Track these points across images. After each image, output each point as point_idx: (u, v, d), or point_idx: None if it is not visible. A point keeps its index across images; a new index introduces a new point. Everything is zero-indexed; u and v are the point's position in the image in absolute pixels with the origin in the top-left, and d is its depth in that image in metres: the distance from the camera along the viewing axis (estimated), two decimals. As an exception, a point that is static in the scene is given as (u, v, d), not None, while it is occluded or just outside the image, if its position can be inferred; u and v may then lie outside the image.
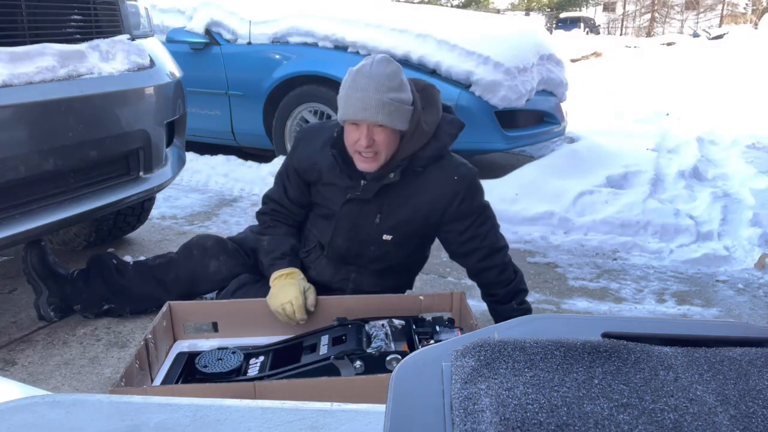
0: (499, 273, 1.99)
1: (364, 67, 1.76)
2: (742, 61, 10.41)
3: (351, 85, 1.76)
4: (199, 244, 2.22)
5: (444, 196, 1.90)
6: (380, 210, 1.93)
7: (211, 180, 4.16)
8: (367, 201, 1.92)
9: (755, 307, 2.55)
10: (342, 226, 1.97)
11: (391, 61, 1.79)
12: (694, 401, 0.49)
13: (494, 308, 2.05)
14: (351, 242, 1.99)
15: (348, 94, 1.76)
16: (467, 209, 1.93)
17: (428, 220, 1.95)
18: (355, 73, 1.76)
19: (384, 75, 1.74)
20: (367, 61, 1.78)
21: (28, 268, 2.18)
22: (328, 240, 2.01)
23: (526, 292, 2.05)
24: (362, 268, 2.06)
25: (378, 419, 0.61)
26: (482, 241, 1.96)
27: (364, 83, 1.73)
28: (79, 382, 1.88)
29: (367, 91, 1.72)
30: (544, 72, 4.41)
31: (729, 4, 30.52)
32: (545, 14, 31.34)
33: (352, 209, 1.95)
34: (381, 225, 1.95)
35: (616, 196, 3.53)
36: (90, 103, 2.03)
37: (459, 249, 2.00)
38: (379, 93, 1.72)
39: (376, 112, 1.73)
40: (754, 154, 5.12)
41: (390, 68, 1.76)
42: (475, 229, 1.95)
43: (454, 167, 1.92)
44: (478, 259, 1.98)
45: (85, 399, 0.64)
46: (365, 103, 1.73)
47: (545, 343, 0.55)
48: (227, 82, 4.34)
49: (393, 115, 1.75)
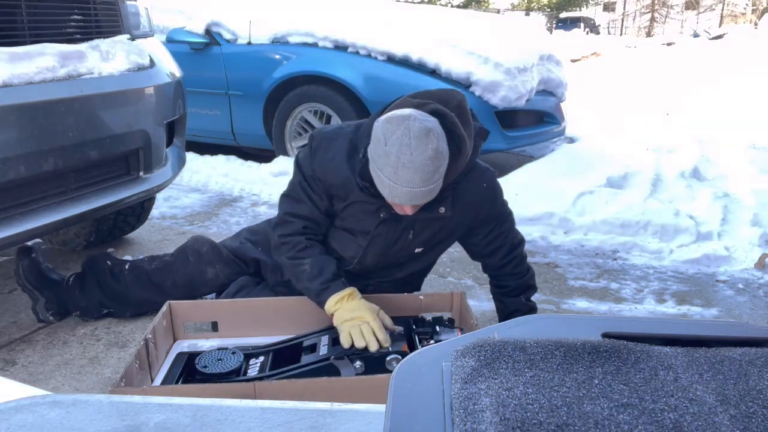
0: (516, 265, 2.02)
1: (403, 154, 1.55)
2: (742, 61, 10.41)
3: (393, 176, 1.58)
4: (194, 249, 2.18)
5: (475, 205, 1.89)
6: (413, 226, 1.88)
7: (211, 180, 4.16)
8: (401, 219, 1.84)
9: (755, 307, 2.55)
10: (375, 245, 1.90)
11: (429, 132, 1.56)
12: (694, 401, 0.49)
13: (502, 300, 2.07)
14: (382, 258, 1.95)
15: (392, 186, 1.60)
16: (493, 212, 1.95)
17: (458, 228, 1.95)
18: (395, 159, 1.56)
19: (428, 160, 1.56)
20: (404, 142, 1.55)
21: (21, 279, 2.15)
22: (358, 257, 1.93)
23: (535, 289, 2.09)
24: (383, 280, 2.04)
25: (378, 419, 0.61)
26: (504, 239, 1.99)
27: (409, 177, 1.57)
28: (79, 382, 1.88)
29: (413, 186, 1.59)
30: (544, 72, 4.41)
31: (729, 4, 30.51)
32: (545, 14, 31.34)
33: (387, 229, 1.87)
34: (414, 240, 1.92)
35: (616, 196, 3.53)
36: (90, 103, 2.03)
37: (483, 250, 2.02)
38: (426, 183, 1.59)
39: (424, 199, 1.65)
40: (754, 154, 5.11)
41: (431, 146, 1.56)
42: (498, 230, 1.97)
43: (481, 174, 1.90)
44: (501, 256, 2.01)
45: (85, 399, 0.64)
46: (412, 196, 1.62)
47: (545, 343, 0.55)
48: (227, 82, 4.34)
49: (438, 188, 1.66)
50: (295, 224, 1.89)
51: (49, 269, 2.22)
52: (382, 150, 1.59)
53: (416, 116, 1.59)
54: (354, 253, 1.94)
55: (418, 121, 1.57)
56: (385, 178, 1.61)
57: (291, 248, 1.88)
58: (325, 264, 1.85)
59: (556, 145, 4.96)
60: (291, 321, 2.00)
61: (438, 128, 1.60)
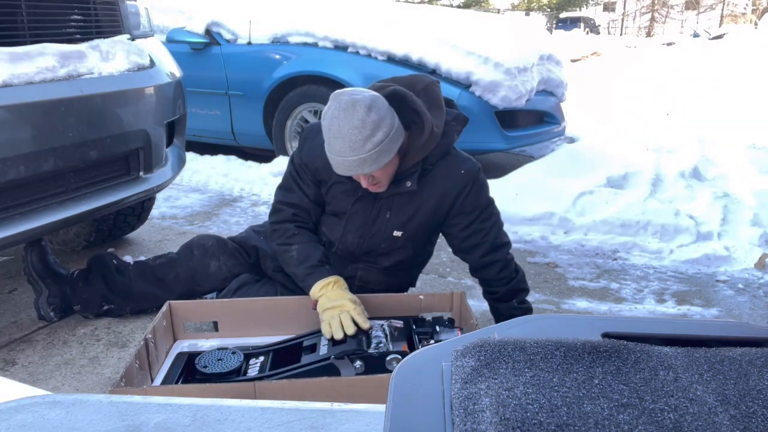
0: (500, 270, 1.99)
1: (333, 125, 1.68)
2: (742, 61, 10.41)
3: (328, 147, 1.73)
4: (199, 244, 2.22)
5: (452, 190, 1.91)
6: (390, 207, 1.94)
7: (211, 180, 4.16)
8: (378, 198, 1.92)
9: (755, 307, 2.55)
10: (353, 223, 1.97)
11: (355, 103, 1.67)
12: (694, 401, 0.49)
13: (495, 306, 2.06)
14: (362, 239, 1.99)
15: (330, 157, 1.74)
16: (473, 203, 1.94)
17: (436, 214, 1.96)
18: (327, 131, 1.70)
19: (354, 129, 1.66)
20: (333, 114, 1.68)
21: (28, 267, 2.18)
22: (339, 236, 2.01)
23: (526, 291, 2.06)
24: (370, 265, 2.06)
25: (378, 419, 0.61)
26: (485, 236, 1.97)
27: (338, 146, 1.69)
28: (79, 382, 1.88)
29: (344, 155, 1.69)
30: (544, 72, 4.41)
31: (729, 4, 30.51)
32: (545, 14, 31.33)
33: (364, 206, 1.95)
34: (391, 221, 1.95)
35: (616, 196, 3.53)
36: (90, 103, 2.03)
37: (462, 244, 2.01)
38: (356, 152, 1.68)
39: (361, 168, 1.72)
40: (754, 154, 5.11)
41: (357, 116, 1.66)
42: (478, 224, 1.96)
43: (461, 162, 1.93)
44: (480, 254, 1.99)
45: (85, 399, 0.64)
46: (348, 166, 1.72)
47: (545, 343, 0.55)
48: (227, 82, 4.34)
49: (379, 158, 1.72)
50: (285, 212, 2.00)
51: (56, 262, 2.25)
52: (322, 125, 1.74)
53: (348, 91, 1.72)
54: (336, 234, 2.01)
55: (348, 95, 1.69)
56: (326, 150, 1.75)
57: (281, 235, 1.99)
58: (312, 251, 1.95)
59: (556, 145, 4.96)
60: (291, 321, 2.00)
61: (369, 101, 1.68)
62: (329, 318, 1.78)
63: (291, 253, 1.95)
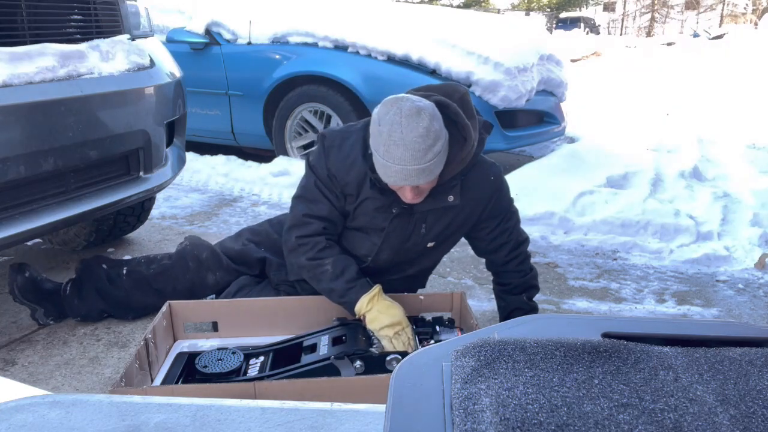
0: (519, 263, 2.03)
1: (395, 132, 1.59)
2: (742, 61, 10.41)
3: (385, 154, 1.62)
4: (193, 254, 2.17)
5: (483, 198, 1.92)
6: (425, 220, 1.89)
7: (211, 180, 4.16)
8: (413, 213, 1.86)
9: (755, 307, 2.55)
10: (391, 240, 1.90)
11: (420, 110, 1.60)
12: (694, 401, 0.49)
13: (503, 297, 2.07)
14: (396, 254, 1.95)
15: (385, 165, 1.64)
16: (499, 207, 1.96)
17: (468, 221, 1.96)
18: (387, 138, 1.61)
19: (418, 138, 1.58)
20: (395, 120, 1.59)
21: (17, 297, 2.12)
22: (373, 254, 1.93)
23: (537, 289, 2.09)
24: (397, 275, 2.04)
25: (378, 419, 0.61)
26: (510, 235, 2.00)
27: (399, 154, 1.60)
28: (79, 382, 1.88)
29: (404, 163, 1.61)
30: (544, 72, 4.41)
31: (729, 4, 30.51)
32: (545, 14, 31.32)
33: (401, 223, 1.88)
34: (428, 234, 1.92)
35: (616, 196, 3.53)
36: (90, 103, 2.03)
37: (488, 246, 2.02)
38: (418, 161, 1.60)
39: (418, 178, 1.65)
40: (754, 154, 5.11)
41: (422, 124, 1.59)
42: (504, 225, 1.98)
43: (488, 168, 1.93)
44: (505, 253, 2.01)
45: (85, 399, 0.64)
46: (406, 174, 1.63)
47: (545, 343, 0.55)
48: (227, 82, 4.35)
49: (435, 168, 1.67)
50: (314, 225, 1.87)
51: (43, 280, 2.18)
52: (377, 130, 1.64)
53: (409, 97, 1.64)
54: (368, 251, 1.93)
55: (410, 101, 1.62)
56: (379, 158, 1.65)
57: (310, 249, 1.87)
58: (347, 264, 1.86)
59: (556, 145, 4.96)
60: (291, 321, 2.00)
61: (432, 109, 1.63)
62: (391, 335, 1.77)
63: (324, 267, 1.85)
